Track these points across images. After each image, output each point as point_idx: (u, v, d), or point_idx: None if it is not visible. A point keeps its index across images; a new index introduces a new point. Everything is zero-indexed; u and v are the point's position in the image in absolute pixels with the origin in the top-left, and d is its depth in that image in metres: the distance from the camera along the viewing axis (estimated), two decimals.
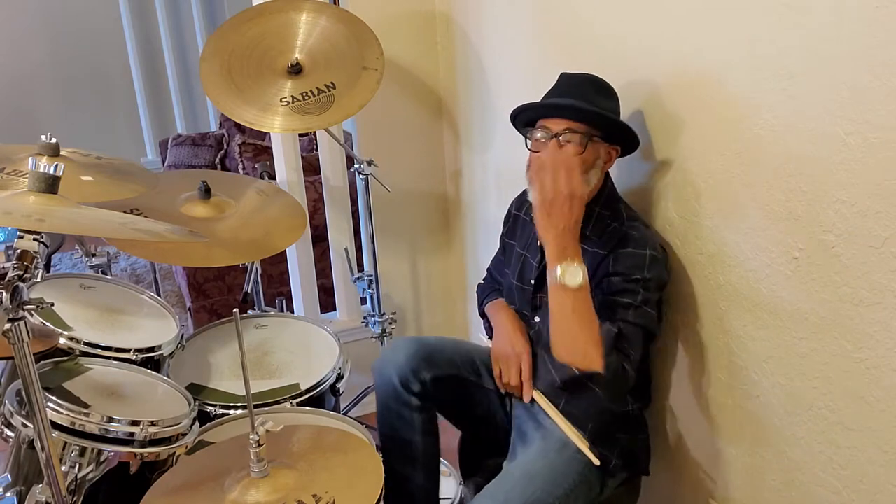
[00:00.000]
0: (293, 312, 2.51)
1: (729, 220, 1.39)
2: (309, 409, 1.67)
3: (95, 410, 1.33)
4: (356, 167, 2.22)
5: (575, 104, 1.42)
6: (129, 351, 1.60)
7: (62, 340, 1.51)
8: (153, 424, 1.37)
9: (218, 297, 3.16)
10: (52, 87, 5.07)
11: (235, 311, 1.16)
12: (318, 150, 2.53)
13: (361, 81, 1.86)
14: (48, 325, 1.51)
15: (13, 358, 1.04)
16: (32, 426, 1.10)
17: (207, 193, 1.80)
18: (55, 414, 1.29)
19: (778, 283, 1.30)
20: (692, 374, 1.56)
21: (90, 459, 1.32)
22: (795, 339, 1.29)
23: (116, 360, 1.57)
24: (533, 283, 1.57)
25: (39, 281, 1.12)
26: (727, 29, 1.31)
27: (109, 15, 5.11)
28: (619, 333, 1.37)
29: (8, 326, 1.01)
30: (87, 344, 1.55)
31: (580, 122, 1.42)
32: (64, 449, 1.30)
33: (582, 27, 1.74)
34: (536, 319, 1.59)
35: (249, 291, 1.99)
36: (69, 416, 1.30)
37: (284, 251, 2.45)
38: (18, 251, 1.09)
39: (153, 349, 1.65)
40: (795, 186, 1.23)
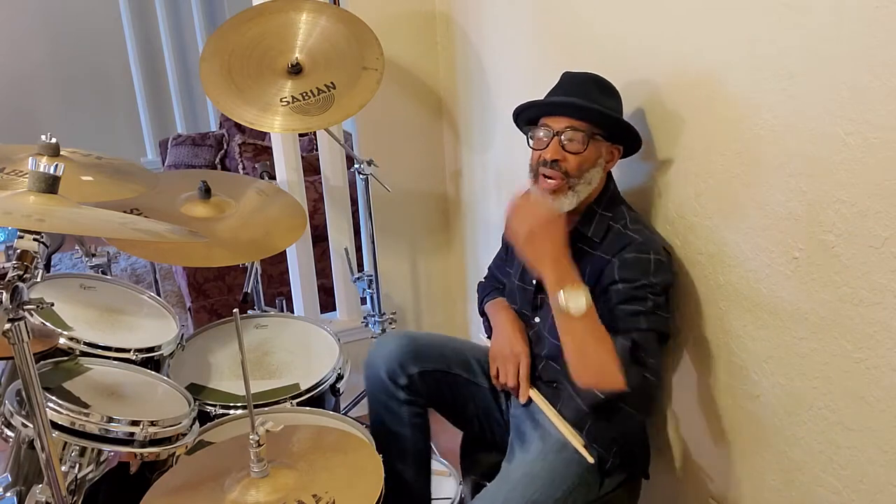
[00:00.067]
0: (293, 312, 2.51)
1: (729, 220, 1.39)
2: (309, 409, 1.67)
3: (95, 410, 1.33)
4: (356, 167, 2.22)
5: (576, 102, 1.43)
6: (129, 351, 1.60)
7: (62, 340, 1.51)
8: (153, 424, 1.37)
9: (218, 297, 3.16)
10: (52, 87, 5.07)
11: (235, 311, 1.16)
12: (318, 150, 2.53)
13: (361, 81, 1.86)
14: (48, 325, 1.51)
15: (13, 358, 1.04)
16: (32, 426, 1.10)
17: (207, 193, 1.80)
18: (55, 414, 1.29)
19: (778, 283, 1.30)
20: (692, 374, 1.56)
21: (90, 459, 1.32)
22: (795, 339, 1.29)
23: (116, 360, 1.57)
24: (535, 283, 1.57)
25: (39, 281, 1.11)
26: (727, 29, 1.31)
27: (109, 15, 5.11)
28: (633, 345, 1.35)
29: (8, 326, 1.01)
30: (87, 344, 1.54)
31: (582, 120, 1.42)
32: (64, 449, 1.30)
33: (582, 27, 1.75)
34: (537, 320, 1.59)
35: (249, 291, 1.99)
36: (69, 416, 1.30)
37: (284, 251, 2.45)
38: (18, 251, 1.09)
39: (153, 349, 1.65)
40: (795, 186, 1.23)
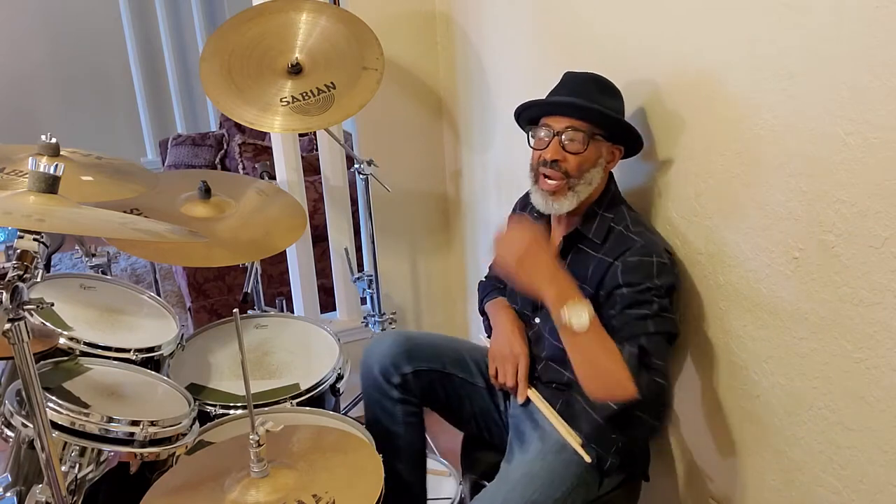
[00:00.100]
0: (293, 312, 2.51)
1: (729, 220, 1.39)
2: (309, 409, 1.67)
3: (95, 410, 1.33)
4: (356, 167, 2.22)
5: (577, 102, 1.42)
6: (129, 351, 1.60)
7: (62, 340, 1.51)
8: (153, 424, 1.37)
9: (218, 297, 3.16)
10: (52, 87, 5.07)
11: (235, 311, 1.16)
12: (318, 150, 2.53)
13: (361, 81, 1.86)
14: (48, 325, 1.51)
15: (13, 358, 1.04)
16: (32, 426, 1.10)
17: (207, 193, 1.80)
18: (55, 414, 1.29)
19: (778, 283, 1.30)
20: (692, 374, 1.56)
21: (90, 459, 1.32)
22: (795, 339, 1.29)
23: (116, 360, 1.57)
24: None
25: (39, 281, 1.11)
26: (727, 29, 1.31)
27: (109, 15, 5.11)
28: (641, 351, 1.34)
29: (8, 326, 1.01)
30: (87, 344, 1.54)
31: (582, 120, 1.42)
32: (64, 449, 1.30)
33: (582, 27, 1.75)
34: (537, 320, 1.59)
35: (249, 291, 1.99)
36: (69, 416, 1.30)
37: (284, 251, 2.45)
38: (18, 251, 1.09)
39: (153, 349, 1.65)
40: (795, 186, 1.23)
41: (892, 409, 1.14)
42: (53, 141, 1.42)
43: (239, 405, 1.67)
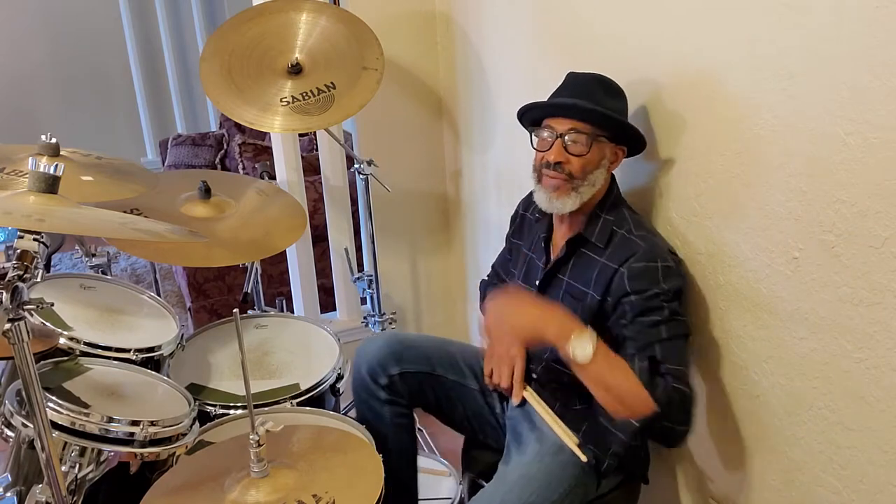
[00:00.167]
0: (293, 312, 2.51)
1: (729, 220, 1.39)
2: (309, 409, 1.67)
3: (95, 410, 1.33)
4: (356, 167, 2.22)
5: (580, 104, 1.42)
6: (129, 351, 1.60)
7: (62, 340, 1.51)
8: (153, 424, 1.37)
9: (218, 297, 3.16)
10: (52, 87, 5.07)
11: (235, 311, 1.16)
12: (318, 150, 2.53)
13: (361, 81, 1.86)
14: (48, 325, 1.51)
15: (13, 358, 1.04)
16: (32, 426, 1.10)
17: (207, 193, 1.80)
18: (55, 414, 1.29)
19: (778, 283, 1.30)
20: (692, 374, 1.56)
21: (90, 459, 1.32)
22: (795, 339, 1.29)
23: (116, 360, 1.57)
24: (538, 283, 1.56)
25: (39, 281, 1.11)
26: (727, 29, 1.31)
27: (109, 15, 5.11)
28: (651, 362, 1.34)
29: (8, 326, 1.01)
30: (87, 344, 1.54)
31: (585, 122, 1.42)
32: (64, 449, 1.30)
33: (582, 27, 1.75)
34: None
35: (249, 291, 1.99)
36: (69, 416, 1.30)
37: (284, 251, 2.45)
38: (18, 251, 1.09)
39: (153, 349, 1.65)
40: (795, 186, 1.23)
41: (892, 409, 1.15)
42: (53, 141, 1.42)
43: (239, 405, 1.67)
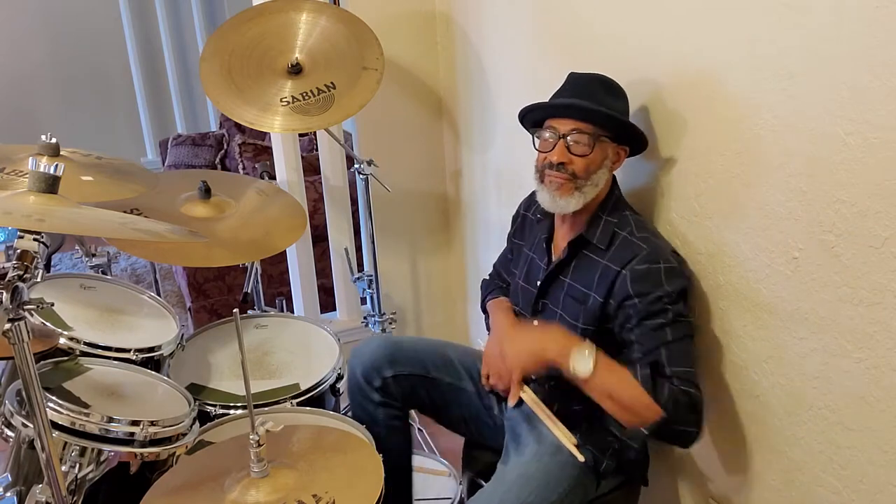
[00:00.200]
0: (293, 312, 2.51)
1: (729, 220, 1.39)
2: (309, 409, 1.67)
3: (95, 410, 1.33)
4: (356, 167, 2.22)
5: (582, 104, 1.41)
6: (129, 351, 1.60)
7: (62, 340, 1.51)
8: (153, 424, 1.37)
9: (218, 297, 3.16)
10: (52, 87, 5.07)
11: (235, 311, 1.16)
12: (318, 150, 2.53)
13: (361, 81, 1.86)
14: (48, 325, 1.51)
15: (13, 358, 1.04)
16: (32, 426, 1.10)
17: (207, 193, 1.80)
18: (55, 414, 1.29)
19: (778, 283, 1.30)
20: None
21: (90, 459, 1.32)
22: (795, 339, 1.29)
23: (116, 360, 1.57)
24: (539, 284, 1.56)
25: (39, 281, 1.11)
26: (727, 29, 1.31)
27: (109, 15, 5.11)
28: (654, 368, 1.35)
29: (8, 326, 1.01)
30: (87, 344, 1.54)
31: (587, 122, 1.41)
32: (64, 449, 1.30)
33: (582, 27, 1.75)
34: (535, 322, 1.59)
35: (249, 291, 1.99)
36: (69, 416, 1.30)
37: (284, 251, 2.45)
38: (18, 251, 1.09)
39: (153, 349, 1.65)
40: (795, 186, 1.23)
41: (892, 409, 1.15)
42: (53, 141, 1.42)
43: (239, 405, 1.67)
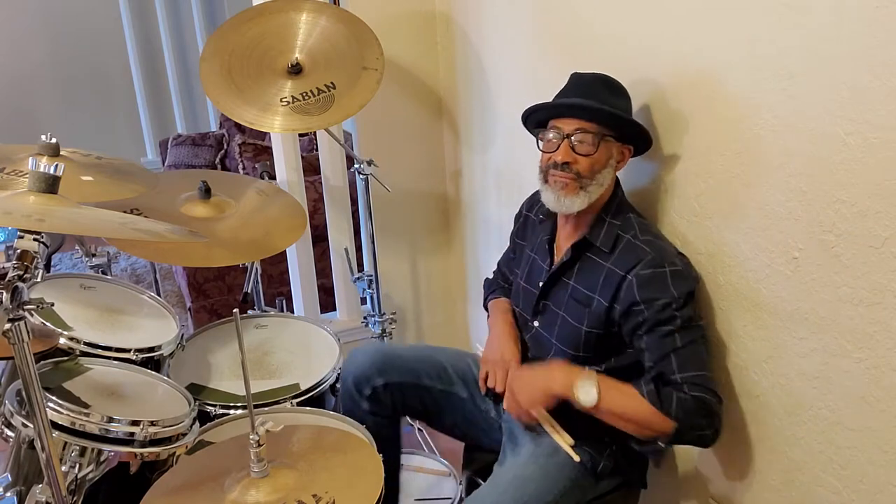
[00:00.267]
0: (293, 312, 2.51)
1: (729, 220, 1.39)
2: (309, 409, 1.67)
3: (95, 410, 1.33)
4: (356, 167, 2.22)
5: (586, 104, 1.41)
6: (129, 351, 1.60)
7: (62, 340, 1.51)
8: (153, 424, 1.37)
9: (218, 297, 3.16)
10: (52, 87, 5.07)
11: (235, 311, 1.16)
12: (318, 150, 2.53)
13: (361, 81, 1.86)
14: (48, 325, 1.51)
15: (13, 358, 1.04)
16: (32, 426, 1.10)
17: (207, 193, 1.80)
18: (55, 414, 1.29)
19: (778, 283, 1.30)
20: None
21: (90, 459, 1.33)
22: (795, 339, 1.29)
23: (116, 360, 1.57)
24: (541, 285, 1.56)
25: (39, 281, 1.12)
26: (727, 29, 1.31)
27: (109, 15, 5.11)
28: (658, 382, 1.36)
29: (8, 326, 1.01)
30: (87, 344, 1.55)
31: (591, 121, 1.41)
32: (64, 449, 1.30)
33: (582, 27, 1.75)
34: (535, 324, 1.59)
35: (249, 291, 1.99)
36: (69, 416, 1.30)
37: (284, 251, 2.45)
38: (18, 251, 1.09)
39: (153, 349, 1.65)
40: (795, 186, 1.23)
41: (892, 409, 1.15)
42: (53, 141, 1.43)
43: (239, 405, 1.67)
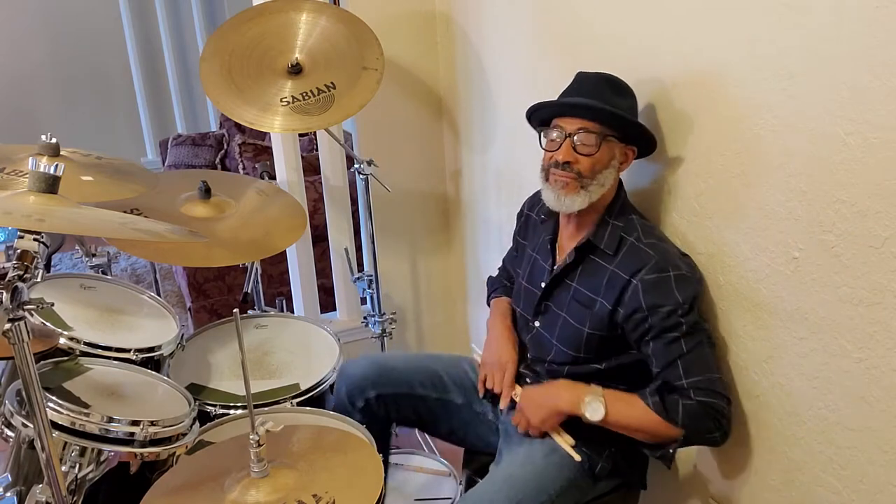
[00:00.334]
0: (293, 312, 2.51)
1: (729, 220, 1.39)
2: (309, 409, 1.67)
3: (95, 410, 1.33)
4: (356, 167, 2.22)
5: (589, 103, 1.41)
6: (129, 351, 1.60)
7: (62, 340, 1.51)
8: (153, 424, 1.37)
9: (218, 297, 3.16)
10: (52, 87, 5.07)
11: (235, 311, 1.16)
12: (318, 150, 2.53)
13: (361, 81, 1.86)
14: (48, 325, 1.51)
15: (13, 358, 1.04)
16: (32, 426, 1.10)
17: (207, 193, 1.80)
18: (55, 414, 1.29)
19: (778, 283, 1.30)
20: None
21: (90, 459, 1.32)
22: (795, 339, 1.29)
23: (116, 360, 1.57)
24: (544, 286, 1.55)
25: (39, 281, 1.12)
26: (727, 29, 1.31)
27: (109, 15, 5.11)
28: (661, 392, 1.37)
29: (8, 326, 1.01)
30: (87, 344, 1.54)
31: (594, 121, 1.41)
32: (64, 449, 1.30)
33: (582, 27, 1.75)
34: (536, 324, 1.59)
35: (249, 291, 1.99)
36: (69, 416, 1.30)
37: (284, 251, 2.45)
38: (18, 251, 1.09)
39: (153, 349, 1.65)
40: (795, 186, 1.23)
41: (892, 409, 1.15)
42: (53, 141, 1.43)
43: (239, 405, 1.67)
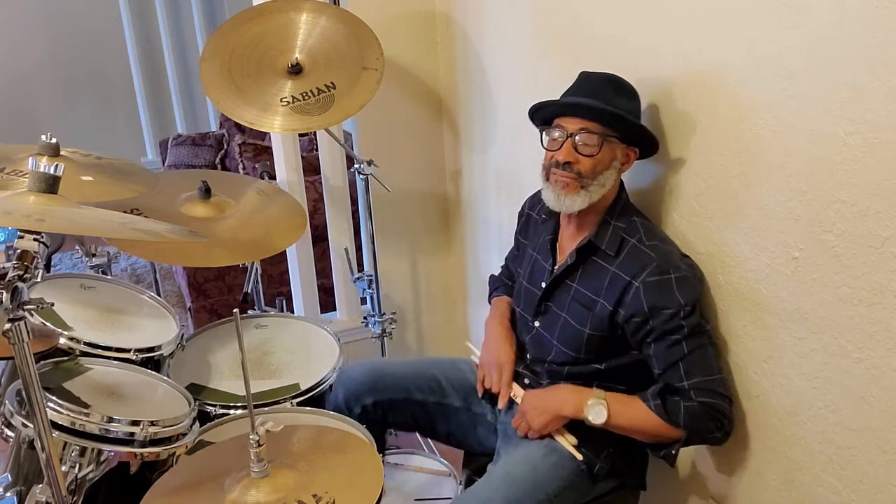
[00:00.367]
0: (293, 312, 2.51)
1: (729, 220, 1.39)
2: (309, 409, 1.67)
3: (95, 410, 1.33)
4: (356, 167, 2.22)
5: (591, 104, 1.40)
6: (129, 351, 1.60)
7: (62, 340, 1.51)
8: (153, 424, 1.37)
9: (218, 297, 3.16)
10: (52, 87, 5.07)
11: (235, 311, 1.16)
12: (318, 150, 2.53)
13: (361, 81, 1.86)
14: (48, 325, 1.51)
15: (13, 358, 1.05)
16: (32, 426, 1.10)
17: (207, 193, 1.80)
18: (55, 414, 1.29)
19: (778, 283, 1.30)
20: None
21: (90, 459, 1.33)
22: (795, 339, 1.29)
23: (116, 360, 1.58)
24: (545, 287, 1.55)
25: (39, 281, 1.12)
26: (727, 29, 1.31)
27: (109, 15, 5.11)
28: (663, 395, 1.37)
29: (8, 326, 1.01)
30: (87, 344, 1.55)
31: (596, 122, 1.41)
32: (64, 449, 1.30)
33: (582, 27, 1.75)
34: (536, 324, 1.59)
35: (249, 291, 1.99)
36: (69, 416, 1.30)
37: (284, 251, 2.45)
38: (18, 251, 1.09)
39: (153, 349, 1.66)
40: (795, 186, 1.23)
41: (892, 409, 1.15)
42: (53, 141, 1.43)
43: (239, 405, 1.67)
